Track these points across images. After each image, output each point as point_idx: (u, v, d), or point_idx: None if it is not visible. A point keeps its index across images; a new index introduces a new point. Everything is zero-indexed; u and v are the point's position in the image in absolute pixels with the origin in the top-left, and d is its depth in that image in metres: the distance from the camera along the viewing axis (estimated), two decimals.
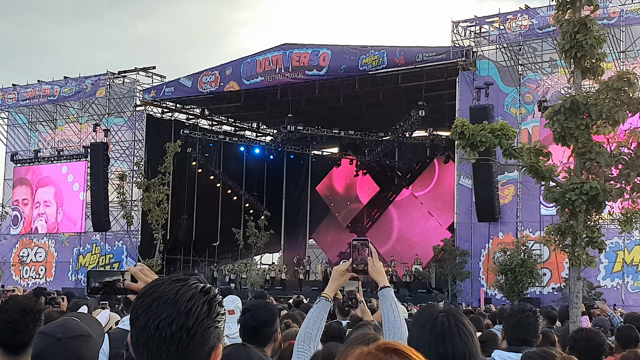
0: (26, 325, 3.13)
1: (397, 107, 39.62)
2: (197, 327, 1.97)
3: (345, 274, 3.73)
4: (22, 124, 46.78)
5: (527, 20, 32.93)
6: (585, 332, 5.68)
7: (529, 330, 4.64)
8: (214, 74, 40.27)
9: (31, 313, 3.21)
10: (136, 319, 1.99)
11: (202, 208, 45.37)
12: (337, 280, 3.74)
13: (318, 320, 3.58)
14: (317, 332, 3.54)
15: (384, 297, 3.75)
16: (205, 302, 2.01)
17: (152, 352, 1.96)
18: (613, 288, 30.30)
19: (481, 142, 10.27)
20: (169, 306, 1.96)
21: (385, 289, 3.76)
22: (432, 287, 34.24)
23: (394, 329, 3.57)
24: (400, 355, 1.93)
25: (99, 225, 41.84)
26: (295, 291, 34.71)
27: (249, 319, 4.57)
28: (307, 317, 3.60)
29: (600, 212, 10.44)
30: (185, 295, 1.99)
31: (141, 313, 1.98)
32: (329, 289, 3.70)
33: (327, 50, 37.31)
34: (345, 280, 3.78)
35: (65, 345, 2.80)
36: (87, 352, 2.81)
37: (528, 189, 31.68)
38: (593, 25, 10.44)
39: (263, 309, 4.66)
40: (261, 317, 4.55)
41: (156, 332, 1.95)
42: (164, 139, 39.58)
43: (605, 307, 11.75)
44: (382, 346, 1.95)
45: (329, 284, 3.74)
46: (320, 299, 3.66)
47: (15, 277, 44.38)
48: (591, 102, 10.10)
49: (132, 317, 2.01)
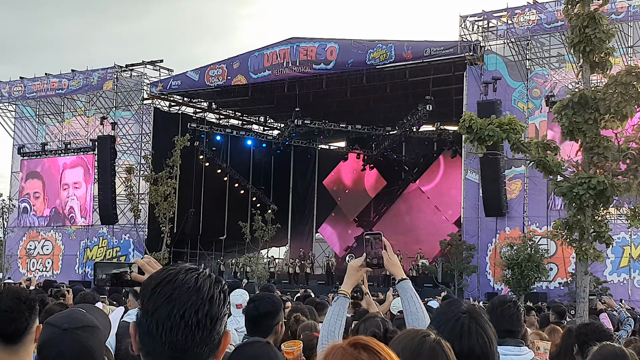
0: (22, 312, 3.12)
1: (404, 102, 39.59)
2: (218, 314, 2.03)
3: (360, 270, 3.74)
4: (30, 116, 46.87)
5: (535, 15, 32.82)
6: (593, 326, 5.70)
7: (512, 320, 4.67)
8: (221, 68, 40.27)
9: (26, 301, 3.19)
10: (156, 309, 2.00)
11: (209, 201, 45.44)
12: (354, 276, 3.74)
13: (339, 317, 3.61)
14: (339, 329, 3.57)
15: (403, 289, 3.77)
16: (221, 290, 2.06)
17: (178, 340, 1.98)
18: (619, 283, 30.27)
19: (489, 137, 10.26)
20: (192, 294, 2.00)
21: (403, 281, 3.78)
22: (439, 281, 34.22)
23: (417, 320, 3.61)
24: (369, 351, 1.95)
25: (107, 218, 41.92)
26: (301, 285, 34.76)
27: (251, 310, 4.63)
28: (328, 316, 3.63)
29: (607, 207, 10.41)
30: (205, 283, 2.04)
31: (163, 302, 2.00)
32: (345, 285, 3.71)
33: (334, 44, 37.26)
34: (361, 275, 3.80)
35: (71, 336, 2.81)
36: (93, 343, 2.82)
37: (535, 184, 31.63)
38: (602, 20, 10.40)
39: (267, 300, 4.71)
40: (264, 308, 4.59)
41: (182, 321, 1.98)
42: (171, 132, 39.64)
43: (612, 302, 11.72)
44: (353, 342, 1.97)
45: (345, 280, 3.75)
46: (339, 297, 3.68)
47: (22, 270, 44.52)
48: (599, 97, 10.07)
49: (151, 306, 2.01)
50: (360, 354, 1.93)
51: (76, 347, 2.76)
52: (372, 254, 3.68)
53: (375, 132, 43.24)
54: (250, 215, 42.40)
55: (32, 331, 3.07)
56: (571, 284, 29.19)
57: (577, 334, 5.63)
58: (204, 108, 45.47)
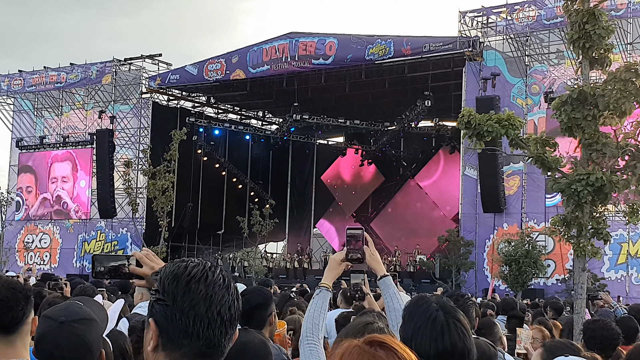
0: (18, 302, 3.09)
1: (403, 97, 39.58)
2: (240, 310, 2.13)
3: (342, 264, 3.74)
4: (28, 110, 46.82)
5: (534, 11, 32.82)
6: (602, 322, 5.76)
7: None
8: (219, 62, 40.24)
9: (22, 291, 3.17)
10: (193, 306, 2.02)
11: (207, 196, 45.45)
12: (335, 270, 3.75)
13: (322, 310, 3.60)
14: (321, 321, 3.56)
15: (385, 286, 3.78)
16: (236, 287, 2.15)
17: (215, 336, 2.04)
18: (617, 280, 30.32)
19: (488, 132, 10.24)
20: (224, 291, 2.07)
21: (385, 277, 3.79)
22: (436, 277, 34.27)
23: (399, 317, 3.58)
24: (385, 349, 1.95)
25: (105, 212, 41.91)
26: (298, 280, 34.77)
27: (243, 303, 4.59)
28: (310, 309, 3.62)
29: (606, 204, 10.41)
30: (230, 281, 2.12)
31: (201, 299, 2.03)
32: (327, 279, 3.71)
33: (333, 39, 37.22)
34: (342, 269, 3.79)
35: (68, 329, 2.81)
36: (90, 336, 2.81)
37: (533, 180, 31.67)
38: (602, 16, 10.38)
39: (257, 293, 4.79)
40: (255, 300, 4.64)
41: (218, 317, 2.04)
42: (170, 126, 39.61)
43: (609, 299, 11.73)
44: (369, 340, 1.97)
45: (325, 274, 3.75)
46: (321, 289, 3.68)
47: (20, 263, 44.51)
48: (598, 93, 10.05)
49: (187, 304, 2.02)
50: (377, 351, 1.94)
51: (73, 340, 2.76)
52: (354, 249, 3.67)
53: (373, 127, 43.23)
54: (248, 210, 42.38)
55: (28, 322, 3.07)
56: (568, 281, 29.23)
57: (585, 329, 5.70)
58: (202, 102, 45.45)
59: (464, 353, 2.79)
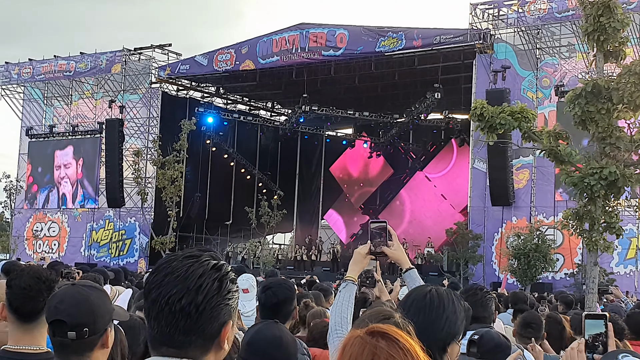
0: (40, 292, 3.18)
1: (412, 89, 39.47)
2: (207, 304, 2.01)
3: (367, 257, 3.74)
4: (38, 98, 46.91)
5: (545, 3, 32.62)
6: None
7: (478, 307, 4.70)
8: (229, 53, 40.18)
9: (46, 281, 3.27)
10: (148, 293, 2.05)
11: (215, 186, 45.48)
12: (360, 263, 3.74)
13: (349, 304, 3.60)
14: (349, 315, 3.57)
15: (410, 278, 3.78)
16: (216, 279, 2.05)
17: (162, 326, 2.01)
18: (626, 275, 30.22)
19: (500, 125, 10.21)
20: (179, 282, 2.01)
21: (410, 270, 3.78)
22: (444, 270, 34.23)
23: None
24: (387, 339, 1.94)
25: (113, 201, 41.98)
26: (306, 271, 34.80)
27: (270, 296, 4.62)
28: (337, 302, 3.63)
29: (618, 198, 10.37)
30: (196, 272, 2.03)
31: (153, 287, 2.04)
32: (352, 272, 3.71)
33: (344, 30, 37.07)
34: (367, 262, 3.80)
35: (76, 289, 2.84)
36: (95, 300, 2.82)
37: (543, 174, 31.57)
38: (617, 8, 10.33)
39: (284, 286, 4.72)
40: (282, 294, 4.61)
41: (166, 307, 2.00)
42: (179, 116, 39.66)
43: (619, 293, 11.70)
44: (370, 330, 1.96)
45: (350, 267, 3.74)
46: (347, 283, 3.67)
47: (28, 251, 44.69)
48: (613, 87, 10.00)
49: (145, 291, 2.07)
50: (378, 342, 1.93)
51: (77, 298, 2.79)
52: (377, 243, 3.66)
53: (382, 119, 43.14)
54: (256, 201, 42.43)
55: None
56: (577, 275, 29.18)
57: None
58: (211, 93, 45.42)
59: (430, 320, 2.83)
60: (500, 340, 4.14)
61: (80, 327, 2.69)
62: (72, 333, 2.68)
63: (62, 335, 2.69)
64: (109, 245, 42.75)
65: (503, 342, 4.16)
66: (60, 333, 2.70)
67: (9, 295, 3.24)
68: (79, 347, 2.72)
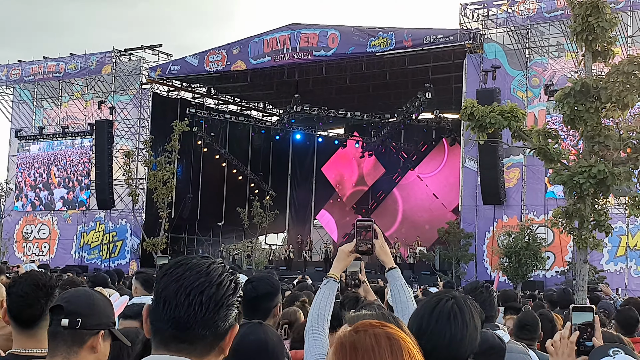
0: (38, 299, 3.19)
1: (403, 89, 39.56)
2: (224, 301, 2.08)
3: (350, 255, 3.74)
4: (27, 100, 46.71)
5: (535, 3, 32.75)
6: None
7: (485, 305, 4.63)
8: (220, 53, 40.15)
9: (44, 288, 3.27)
10: (166, 287, 2.08)
11: (207, 187, 45.44)
12: (343, 261, 3.74)
13: (328, 301, 3.57)
14: (327, 312, 3.53)
15: (393, 278, 3.77)
16: (233, 280, 2.13)
17: (181, 317, 2.04)
18: (616, 272, 30.36)
19: (490, 124, 10.27)
20: (201, 276, 2.08)
21: (393, 269, 3.79)
22: (436, 269, 34.30)
23: (406, 309, 3.60)
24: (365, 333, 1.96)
25: (103, 202, 41.87)
26: (299, 271, 34.79)
27: (250, 291, 4.28)
28: (316, 299, 3.59)
29: (607, 196, 10.44)
30: (217, 270, 2.11)
31: (173, 280, 2.08)
32: (334, 269, 3.70)
33: (335, 31, 37.10)
34: (351, 260, 3.80)
35: (82, 290, 2.94)
36: (98, 300, 2.88)
37: (533, 173, 31.70)
38: (605, 8, 10.40)
39: (265, 281, 4.46)
40: (263, 289, 4.35)
41: (186, 299, 2.04)
42: (170, 117, 39.60)
43: (608, 290, 11.77)
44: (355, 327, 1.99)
45: (334, 264, 3.73)
46: (328, 280, 3.65)
47: (18, 254, 44.45)
48: (601, 86, 10.08)
49: (162, 284, 2.09)
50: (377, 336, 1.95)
51: (82, 291, 2.90)
52: (363, 241, 3.67)
53: (374, 119, 43.20)
54: (248, 202, 42.39)
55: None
56: (568, 273, 29.30)
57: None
58: (202, 93, 45.37)
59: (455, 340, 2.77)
60: (494, 341, 4.13)
61: (75, 315, 2.75)
62: (65, 320, 2.73)
63: (56, 324, 2.75)
64: (100, 247, 42.60)
65: (497, 343, 4.14)
66: (56, 321, 2.76)
67: (8, 302, 3.28)
68: (68, 337, 2.76)
